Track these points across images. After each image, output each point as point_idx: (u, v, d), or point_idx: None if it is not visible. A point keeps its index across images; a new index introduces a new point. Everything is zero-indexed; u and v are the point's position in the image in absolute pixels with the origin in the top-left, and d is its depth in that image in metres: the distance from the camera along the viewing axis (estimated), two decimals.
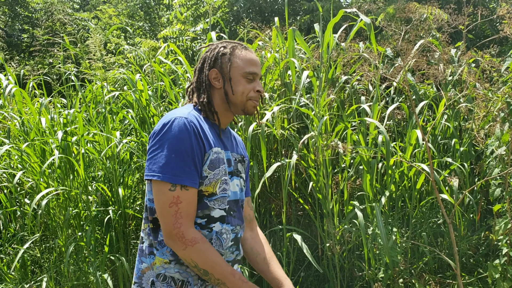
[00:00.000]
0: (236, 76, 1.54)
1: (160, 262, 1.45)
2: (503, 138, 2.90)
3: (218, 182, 1.47)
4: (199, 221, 1.45)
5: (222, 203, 1.49)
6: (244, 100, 1.54)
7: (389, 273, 2.99)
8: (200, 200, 1.45)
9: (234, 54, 1.56)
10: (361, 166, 3.25)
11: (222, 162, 1.49)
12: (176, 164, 1.37)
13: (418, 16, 3.38)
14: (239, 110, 1.56)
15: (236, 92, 1.53)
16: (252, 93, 1.55)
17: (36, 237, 3.44)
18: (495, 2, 6.11)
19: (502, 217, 2.95)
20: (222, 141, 1.55)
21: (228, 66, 1.54)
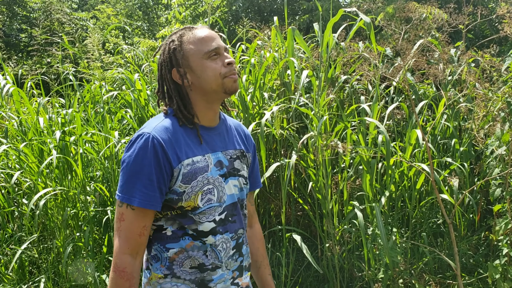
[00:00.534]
0: (197, 63, 1.39)
1: (155, 278, 1.42)
2: (503, 138, 2.89)
3: (199, 195, 1.38)
4: (190, 232, 1.39)
5: (210, 214, 1.41)
6: (220, 81, 1.39)
7: (389, 273, 2.98)
8: (185, 215, 1.38)
9: (184, 42, 1.41)
10: (360, 166, 3.24)
11: (201, 171, 1.39)
12: (130, 184, 1.32)
13: (417, 15, 3.37)
14: (222, 94, 1.41)
15: (208, 78, 1.38)
16: (224, 69, 1.40)
17: (34, 238, 3.42)
18: (494, 2, 6.11)
19: (502, 217, 2.94)
20: (208, 144, 1.45)
21: (185, 58, 1.40)
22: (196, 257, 1.39)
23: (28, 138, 3.57)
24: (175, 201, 1.36)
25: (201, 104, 1.44)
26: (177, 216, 1.38)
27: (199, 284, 1.41)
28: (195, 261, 1.40)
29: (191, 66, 1.40)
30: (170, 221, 1.39)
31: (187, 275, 1.40)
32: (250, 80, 3.63)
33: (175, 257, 1.39)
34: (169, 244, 1.39)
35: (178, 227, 1.39)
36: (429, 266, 3.28)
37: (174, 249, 1.39)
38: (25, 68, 7.14)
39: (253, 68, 3.62)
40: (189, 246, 1.39)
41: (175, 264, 1.39)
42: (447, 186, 3.21)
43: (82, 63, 4.81)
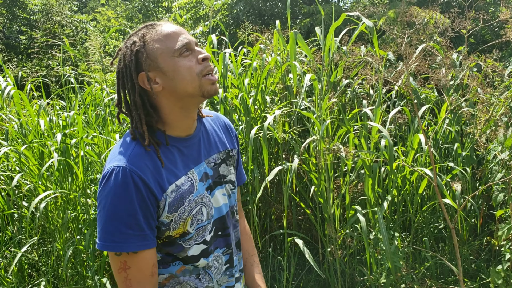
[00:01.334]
0: (167, 63, 1.18)
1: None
2: (506, 143, 2.89)
3: (188, 220, 1.25)
4: (181, 257, 1.28)
5: (198, 236, 1.29)
6: (197, 82, 1.20)
7: (391, 278, 2.97)
8: (173, 242, 1.25)
9: (148, 41, 1.20)
10: (362, 171, 3.23)
11: (187, 194, 1.24)
12: (116, 229, 1.13)
13: (420, 20, 3.37)
14: (199, 97, 1.22)
15: (182, 79, 1.18)
16: (199, 66, 1.20)
17: (34, 241, 3.40)
18: (494, 7, 6.13)
19: (505, 223, 2.93)
20: (188, 158, 1.29)
21: (152, 59, 1.19)
22: (188, 282, 1.29)
23: (29, 141, 3.55)
24: (162, 231, 1.22)
25: (176, 112, 1.24)
26: (164, 245, 1.26)
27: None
28: (188, 286, 1.30)
29: (161, 68, 1.19)
30: (158, 248, 1.25)
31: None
32: (252, 84, 3.63)
33: (166, 282, 1.29)
34: (159, 270, 1.27)
35: (166, 253, 1.28)
36: (431, 271, 3.27)
37: (164, 275, 1.28)
38: (24, 70, 7.13)
39: (255, 71, 3.61)
40: (179, 271, 1.28)
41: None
42: (449, 190, 3.20)
43: (82, 65, 4.81)
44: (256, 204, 3.26)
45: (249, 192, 3.40)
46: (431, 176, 2.79)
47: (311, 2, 7.32)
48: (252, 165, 3.26)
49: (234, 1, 6.92)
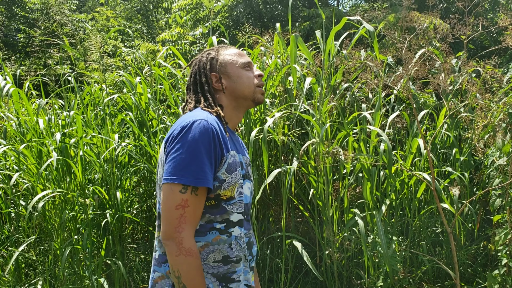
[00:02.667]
0: (234, 70, 1.57)
1: None
2: (504, 149, 2.91)
3: (236, 186, 1.45)
4: (218, 226, 1.43)
5: (239, 206, 1.48)
6: (252, 89, 1.56)
7: (388, 281, 2.98)
8: (218, 205, 1.43)
9: (222, 54, 1.60)
10: (361, 174, 3.25)
11: (238, 165, 1.47)
12: (194, 167, 1.33)
13: (420, 25, 3.40)
14: (250, 102, 1.58)
15: (243, 84, 1.56)
16: (256, 80, 1.58)
17: (31, 240, 3.40)
18: (493, 13, 6.16)
19: (502, 228, 2.95)
20: (234, 144, 1.54)
21: (222, 66, 1.57)
22: (221, 250, 1.43)
23: (27, 139, 3.54)
24: (214, 189, 1.40)
25: (230, 109, 1.57)
26: (209, 207, 1.42)
27: (220, 278, 1.43)
28: (220, 254, 1.43)
29: (228, 73, 1.57)
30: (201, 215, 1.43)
31: (210, 269, 1.43)
32: None
33: (201, 250, 1.42)
34: (196, 238, 1.41)
35: (207, 221, 1.42)
36: (428, 275, 3.29)
37: (200, 242, 1.41)
38: (22, 69, 7.12)
39: None
40: (215, 240, 1.43)
41: (200, 258, 1.41)
42: (447, 195, 3.22)
43: (80, 64, 4.80)
44: (254, 206, 3.26)
45: None
46: (429, 180, 2.81)
47: (311, 5, 7.35)
48: (252, 167, 3.27)
49: (234, 3, 6.93)
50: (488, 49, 4.45)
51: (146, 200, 3.83)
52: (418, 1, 5.51)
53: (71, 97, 4.46)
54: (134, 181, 3.77)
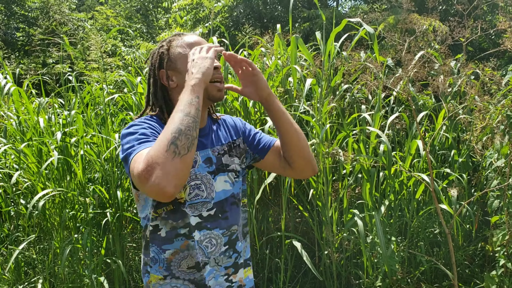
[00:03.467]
0: (185, 66, 1.39)
1: (155, 279, 1.42)
2: (502, 151, 2.93)
3: (187, 188, 1.38)
4: (182, 231, 1.39)
5: (196, 209, 1.40)
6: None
7: (386, 281, 3.00)
8: (178, 209, 1.38)
9: (172, 46, 1.44)
10: (360, 175, 3.27)
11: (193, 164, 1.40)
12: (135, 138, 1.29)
13: (419, 27, 3.42)
14: (205, 99, 1.40)
15: None
16: None
17: (31, 238, 3.41)
18: (491, 15, 6.20)
19: (499, 229, 2.97)
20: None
21: (172, 61, 1.42)
22: (192, 255, 1.39)
23: (27, 138, 3.55)
24: None
25: None
26: (170, 213, 1.38)
27: (197, 283, 1.41)
28: (192, 260, 1.40)
29: (178, 69, 1.41)
30: (164, 221, 1.39)
31: (186, 275, 1.41)
32: None
33: (172, 258, 1.40)
34: (164, 246, 1.40)
35: (170, 227, 1.39)
36: (426, 275, 3.31)
37: (170, 250, 1.40)
38: (21, 67, 7.11)
39: None
40: (184, 247, 1.39)
41: (173, 265, 1.40)
42: (445, 196, 3.24)
43: (80, 64, 4.81)
44: (253, 206, 3.28)
45: (247, 194, 3.43)
46: (428, 181, 2.83)
47: (311, 7, 7.37)
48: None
49: (234, 3, 6.95)
50: (487, 52, 4.48)
51: None
52: (417, 3, 5.54)
53: (71, 96, 4.46)
54: None
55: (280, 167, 1.60)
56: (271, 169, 1.65)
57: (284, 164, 1.58)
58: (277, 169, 1.62)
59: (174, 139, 1.17)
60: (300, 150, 1.52)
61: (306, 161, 1.54)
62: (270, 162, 1.60)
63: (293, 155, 1.52)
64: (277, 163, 1.59)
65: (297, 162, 1.54)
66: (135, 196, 1.45)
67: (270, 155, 1.59)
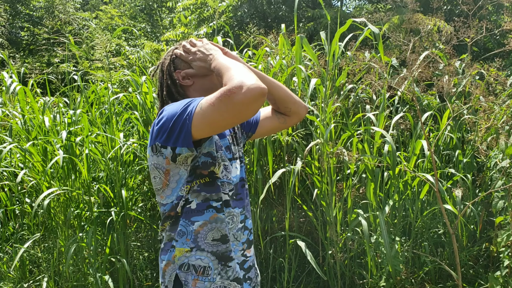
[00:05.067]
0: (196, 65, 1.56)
1: (181, 252, 1.47)
2: (507, 151, 2.93)
3: (221, 165, 1.50)
4: (214, 204, 1.48)
5: (226, 187, 1.52)
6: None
7: (390, 281, 3.00)
8: (213, 183, 1.48)
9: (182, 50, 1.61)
10: (364, 175, 3.27)
11: (220, 148, 1.52)
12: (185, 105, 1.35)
13: (424, 27, 3.42)
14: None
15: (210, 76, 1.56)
16: None
17: (36, 237, 3.42)
18: (496, 15, 6.18)
19: (504, 229, 2.97)
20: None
21: (185, 61, 1.58)
22: (219, 228, 1.47)
23: (32, 137, 3.57)
24: (208, 165, 1.45)
25: None
26: (204, 185, 1.46)
27: (219, 257, 1.48)
28: (218, 232, 1.47)
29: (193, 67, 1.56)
30: (195, 194, 1.46)
31: (209, 247, 1.47)
32: None
33: (200, 229, 1.46)
34: (194, 218, 1.46)
35: (203, 199, 1.46)
36: (430, 275, 3.31)
37: (199, 221, 1.46)
38: (26, 67, 7.14)
39: None
40: (212, 218, 1.47)
41: (199, 237, 1.46)
42: (450, 196, 3.24)
43: (84, 63, 4.82)
44: (257, 206, 3.29)
45: (251, 194, 3.44)
46: (432, 181, 2.83)
47: (315, 6, 7.36)
48: (255, 167, 3.29)
49: (238, 3, 6.95)
50: (492, 52, 4.47)
51: (150, 198, 3.86)
52: (422, 3, 5.52)
53: (76, 95, 4.48)
54: (139, 180, 3.80)
55: (280, 124, 1.78)
56: (271, 131, 1.82)
57: (281, 119, 1.77)
58: (277, 128, 1.80)
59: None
60: (289, 96, 1.72)
61: (298, 103, 1.75)
62: (266, 129, 1.79)
63: (288, 104, 1.72)
64: (275, 123, 1.78)
65: (292, 108, 1.73)
66: (163, 181, 1.47)
67: (263, 124, 1.78)
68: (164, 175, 1.46)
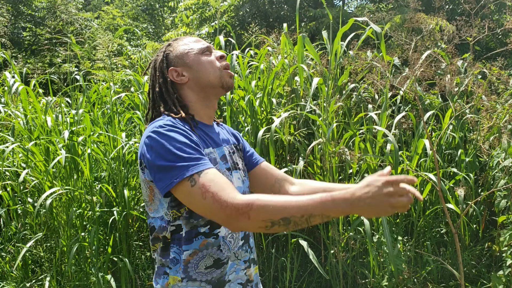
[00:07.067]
0: (192, 59, 1.45)
1: (174, 281, 1.39)
2: (510, 150, 2.92)
3: None
4: (202, 230, 1.37)
5: None
6: (218, 74, 1.45)
7: (393, 281, 3.00)
8: None
9: (176, 46, 1.49)
10: (366, 174, 3.26)
11: (214, 163, 1.39)
12: (182, 158, 1.24)
13: (426, 27, 3.41)
14: (219, 88, 1.46)
15: (206, 70, 1.44)
16: (218, 62, 1.47)
17: (38, 236, 3.43)
18: (498, 15, 6.17)
19: (506, 229, 2.96)
20: (212, 139, 1.46)
21: (179, 57, 1.46)
22: (210, 254, 1.37)
23: (35, 137, 3.58)
24: None
25: (199, 102, 1.47)
26: (191, 211, 1.33)
27: (215, 283, 1.39)
28: (210, 258, 1.38)
29: (187, 63, 1.45)
30: (185, 221, 1.35)
31: (203, 276, 1.38)
32: (259, 86, 3.66)
33: (190, 259, 1.36)
34: (184, 246, 1.36)
35: (191, 227, 1.36)
36: (433, 275, 3.30)
37: (189, 251, 1.36)
38: (28, 67, 7.16)
39: (261, 74, 3.64)
40: (202, 245, 1.37)
41: (190, 267, 1.37)
42: (452, 196, 3.23)
43: (85, 63, 4.83)
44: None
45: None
46: (435, 181, 2.82)
47: (317, 6, 7.36)
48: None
49: (240, 3, 6.96)
50: (494, 51, 4.47)
51: None
52: (424, 2, 5.52)
53: (78, 95, 4.49)
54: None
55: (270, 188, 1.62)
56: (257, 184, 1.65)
57: (275, 188, 1.61)
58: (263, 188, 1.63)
59: (279, 221, 1.16)
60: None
61: None
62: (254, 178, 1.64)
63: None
64: (267, 186, 1.62)
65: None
66: (148, 196, 1.39)
67: (256, 171, 1.63)
68: (149, 190, 1.38)
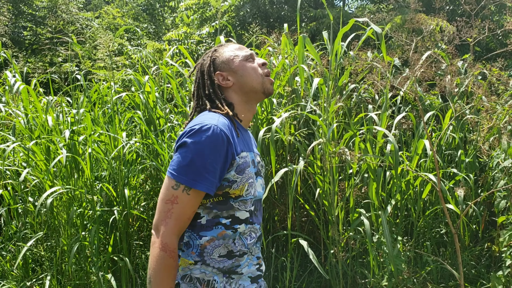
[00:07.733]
0: (238, 65, 1.58)
1: (185, 264, 1.47)
2: (509, 151, 2.93)
3: (246, 185, 1.49)
4: (223, 221, 1.47)
5: (247, 205, 1.51)
6: (260, 80, 1.58)
7: (392, 281, 3.00)
8: (226, 202, 1.47)
9: (222, 52, 1.62)
10: (366, 174, 3.27)
11: (247, 165, 1.50)
12: (194, 168, 1.38)
13: (426, 27, 3.42)
14: (260, 94, 1.59)
15: (249, 76, 1.57)
16: (261, 70, 1.60)
17: (39, 236, 3.43)
18: (498, 16, 6.18)
19: (506, 229, 2.97)
20: (246, 143, 1.57)
21: (225, 63, 1.59)
22: (226, 245, 1.48)
23: (35, 136, 3.58)
24: (223, 187, 1.45)
25: (241, 105, 1.59)
26: (217, 203, 1.47)
27: (225, 272, 1.48)
28: (225, 248, 1.48)
29: (232, 68, 1.58)
30: (207, 210, 1.47)
31: (216, 263, 1.47)
32: None
33: (207, 244, 1.46)
34: (202, 232, 1.47)
35: (213, 216, 1.47)
36: (432, 275, 3.31)
37: (207, 237, 1.46)
38: (29, 66, 7.16)
39: None
40: (220, 235, 1.47)
41: (206, 252, 1.46)
42: (452, 196, 3.24)
43: (86, 63, 4.84)
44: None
45: None
46: (435, 181, 2.83)
47: (317, 6, 7.37)
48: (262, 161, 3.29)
49: (240, 3, 6.96)
50: (494, 52, 4.47)
51: (153, 197, 3.87)
52: (424, 3, 5.53)
53: (78, 94, 4.49)
54: (141, 179, 3.81)
55: None
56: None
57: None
58: None
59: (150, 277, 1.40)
60: None
61: None
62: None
63: None
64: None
65: None
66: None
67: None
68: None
